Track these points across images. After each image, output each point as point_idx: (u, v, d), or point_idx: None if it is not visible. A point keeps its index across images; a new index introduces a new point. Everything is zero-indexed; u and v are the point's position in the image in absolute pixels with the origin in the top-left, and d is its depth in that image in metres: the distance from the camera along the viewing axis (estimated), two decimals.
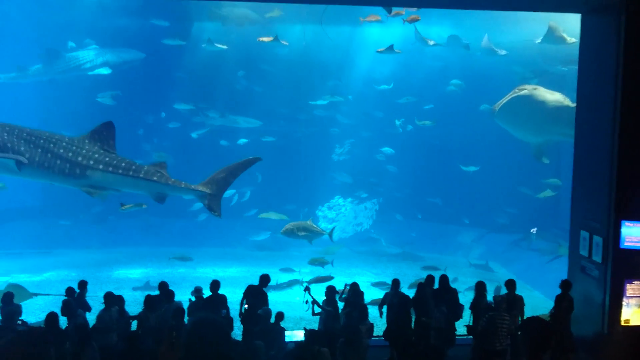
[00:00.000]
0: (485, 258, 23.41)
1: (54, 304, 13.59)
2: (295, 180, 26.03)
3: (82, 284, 11.53)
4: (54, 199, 24.13)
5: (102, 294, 17.08)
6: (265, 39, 22.13)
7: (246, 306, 11.19)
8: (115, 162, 13.84)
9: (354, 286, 11.71)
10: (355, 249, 24.59)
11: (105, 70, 24.45)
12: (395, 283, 11.85)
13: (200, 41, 24.15)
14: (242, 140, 24.69)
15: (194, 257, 21.32)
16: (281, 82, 26.38)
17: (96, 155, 13.77)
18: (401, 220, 26.09)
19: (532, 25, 22.48)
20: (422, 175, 26.42)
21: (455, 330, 11.53)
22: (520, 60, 23.84)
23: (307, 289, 11.66)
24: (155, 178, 13.93)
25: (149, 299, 10.64)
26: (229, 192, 24.27)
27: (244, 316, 11.18)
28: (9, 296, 10.76)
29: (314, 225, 18.04)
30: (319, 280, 16.71)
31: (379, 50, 21.70)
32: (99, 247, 24.24)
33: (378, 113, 25.92)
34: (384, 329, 11.44)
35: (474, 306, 11.44)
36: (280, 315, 10.84)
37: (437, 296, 11.58)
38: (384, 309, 11.72)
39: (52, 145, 13.63)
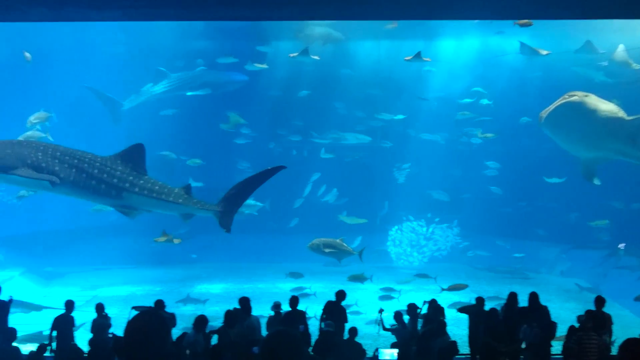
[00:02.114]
0: (570, 274, 22.58)
1: None
2: (379, 194, 26.00)
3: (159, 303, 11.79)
4: (140, 217, 25.08)
5: (185, 308, 17.76)
6: (295, 54, 22.50)
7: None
8: (149, 185, 14.14)
9: (433, 303, 11.61)
10: (455, 265, 24.11)
11: (204, 91, 25.18)
12: (479, 301, 11.65)
13: (278, 61, 24.57)
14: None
15: (271, 273, 21.61)
16: (357, 98, 26.48)
17: (130, 178, 14.05)
18: (502, 244, 25.22)
19: (607, 34, 21.70)
20: (509, 189, 25.71)
21: (551, 347, 11.16)
22: (604, 69, 22.83)
23: (381, 310, 11.71)
24: (181, 201, 14.28)
25: (229, 314, 10.82)
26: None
27: (321, 332, 11.26)
28: (100, 308, 11.21)
29: (343, 244, 17.77)
30: (455, 288, 16.65)
31: (407, 58, 21.25)
32: (182, 263, 24.92)
33: (473, 130, 25.20)
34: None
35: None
36: (353, 331, 10.84)
37: (525, 314, 11.25)
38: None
39: (85, 165, 13.88)
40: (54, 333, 10.92)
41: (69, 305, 11.10)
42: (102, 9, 12.10)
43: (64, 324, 10.91)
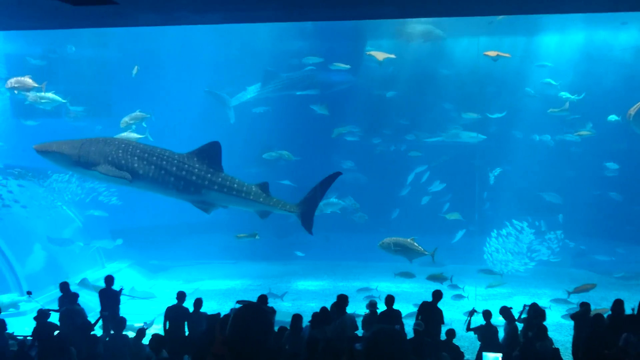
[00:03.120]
0: None
1: None
2: (479, 193, 25.42)
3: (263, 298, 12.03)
4: (238, 214, 25.86)
5: (284, 304, 18.15)
6: (375, 54, 22.15)
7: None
8: (227, 182, 14.57)
9: (534, 306, 11.28)
10: (561, 269, 23.21)
11: (313, 91, 25.56)
12: (584, 306, 11.22)
13: (371, 61, 24.50)
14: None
15: (367, 271, 21.59)
16: (456, 96, 26.02)
17: (209, 175, 14.46)
18: (620, 250, 24.01)
19: None
20: (628, 190, 24.43)
21: None
22: None
23: (472, 312, 11.52)
24: (261, 199, 14.72)
25: (324, 312, 10.91)
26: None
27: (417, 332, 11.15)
28: (198, 303, 11.54)
29: (414, 244, 17.50)
30: (581, 289, 16.87)
31: (486, 53, 20.80)
32: (279, 260, 25.41)
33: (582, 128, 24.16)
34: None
35: None
36: (451, 333, 10.68)
37: (634, 322, 10.69)
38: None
39: (164, 162, 14.37)
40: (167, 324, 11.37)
41: (181, 296, 11.52)
42: (204, 13, 12.59)
43: (175, 314, 11.33)
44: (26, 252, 20.34)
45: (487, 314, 11.34)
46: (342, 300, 11.23)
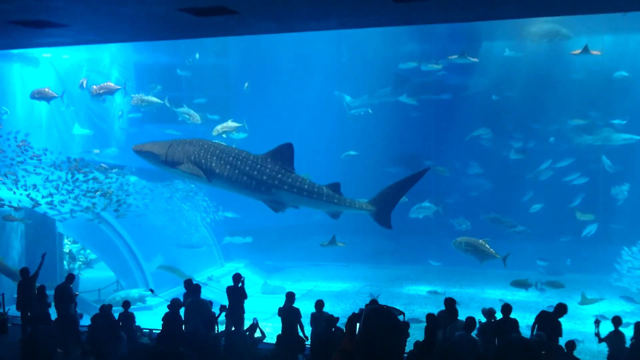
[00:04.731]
0: None
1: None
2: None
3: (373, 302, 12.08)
4: (349, 217, 26.00)
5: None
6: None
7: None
8: (298, 183, 14.69)
9: None
10: None
11: (446, 96, 25.62)
12: None
13: (489, 60, 23.91)
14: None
15: (481, 278, 21.07)
16: (576, 97, 24.83)
17: (279, 176, 14.67)
18: None
19: None
20: None
21: None
22: None
23: (597, 321, 10.99)
24: (335, 200, 14.72)
25: (432, 318, 10.73)
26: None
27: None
28: (320, 305, 11.61)
29: (485, 245, 16.87)
30: None
31: (574, 52, 19.79)
32: (391, 263, 25.35)
33: None
34: None
35: None
36: (571, 345, 10.23)
37: None
38: None
39: (239, 162, 14.79)
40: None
41: (290, 297, 11.80)
42: (321, 20, 12.80)
43: (286, 314, 11.62)
44: (152, 251, 21.52)
45: (616, 320, 10.84)
46: (450, 303, 11.08)
